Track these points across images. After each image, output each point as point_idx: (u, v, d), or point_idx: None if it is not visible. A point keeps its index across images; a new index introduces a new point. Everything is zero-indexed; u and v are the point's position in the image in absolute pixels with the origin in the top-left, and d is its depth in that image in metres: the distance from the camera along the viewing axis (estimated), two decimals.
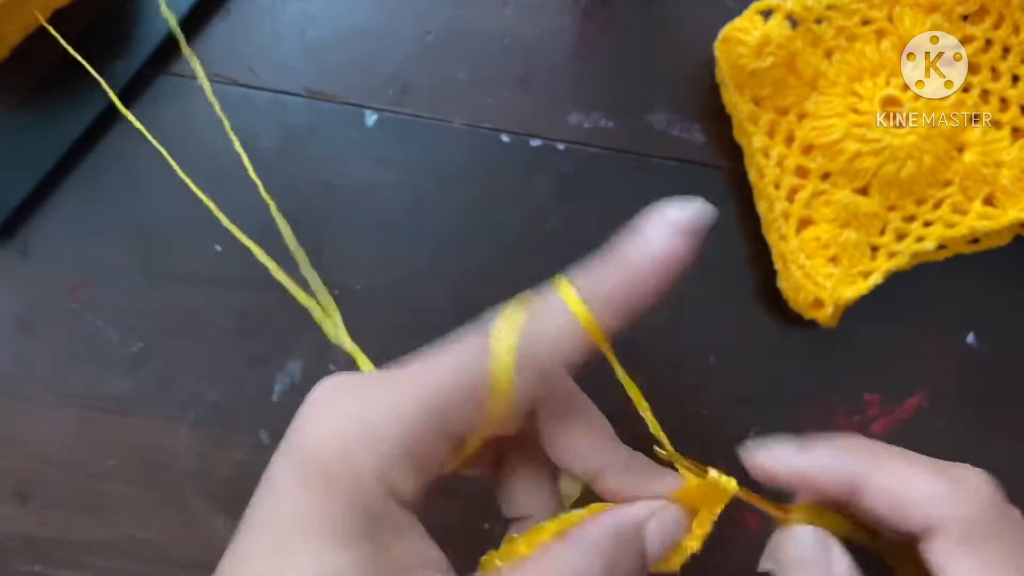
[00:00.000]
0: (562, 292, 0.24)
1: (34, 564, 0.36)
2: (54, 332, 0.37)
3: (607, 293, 0.24)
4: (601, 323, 0.23)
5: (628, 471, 0.26)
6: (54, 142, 0.37)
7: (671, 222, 0.24)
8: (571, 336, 0.23)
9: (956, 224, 0.37)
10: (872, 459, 0.25)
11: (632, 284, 0.24)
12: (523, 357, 0.23)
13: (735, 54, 0.36)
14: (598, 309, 0.23)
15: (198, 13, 0.38)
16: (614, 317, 0.24)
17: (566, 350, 0.24)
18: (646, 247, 0.24)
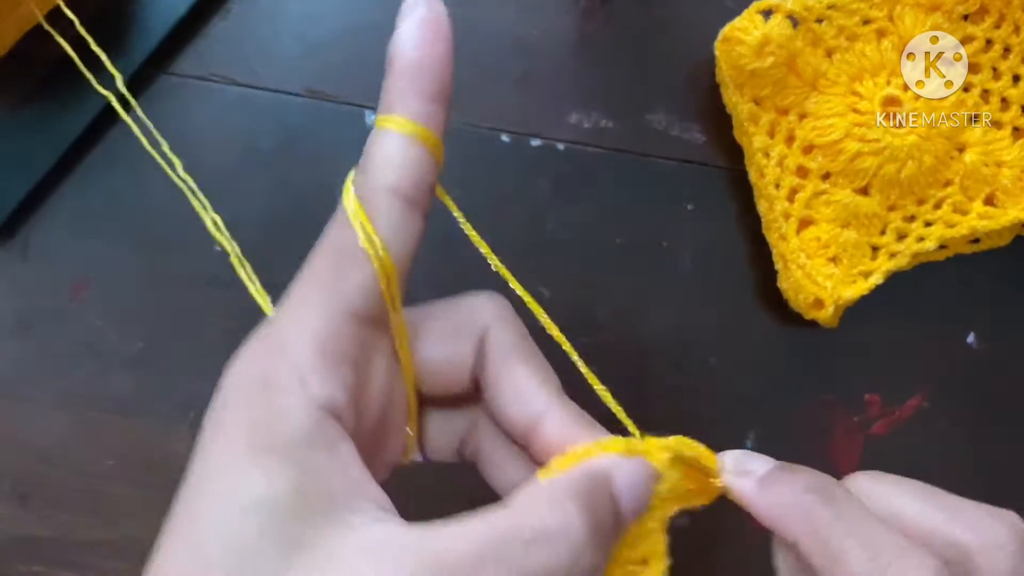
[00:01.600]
0: (376, 122, 0.24)
1: (34, 564, 0.36)
2: (54, 332, 0.37)
3: (403, 91, 0.23)
4: (418, 120, 0.23)
5: (570, 419, 0.25)
6: (54, 142, 0.37)
7: (408, 12, 0.24)
8: (407, 151, 0.23)
9: (957, 224, 0.37)
10: (812, 521, 0.23)
11: (421, 71, 0.24)
12: (373, 191, 0.23)
13: (735, 54, 0.36)
14: (406, 109, 0.23)
15: (198, 13, 0.38)
16: (424, 106, 0.23)
17: (412, 166, 0.23)
18: (402, 39, 0.24)
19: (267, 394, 0.21)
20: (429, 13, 0.24)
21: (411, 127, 0.23)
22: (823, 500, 0.23)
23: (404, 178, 0.23)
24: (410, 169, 0.23)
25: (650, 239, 0.39)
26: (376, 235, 0.23)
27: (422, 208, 0.24)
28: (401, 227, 0.23)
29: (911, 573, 0.22)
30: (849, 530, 0.23)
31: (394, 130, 0.23)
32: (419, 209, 0.24)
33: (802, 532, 0.23)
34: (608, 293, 0.38)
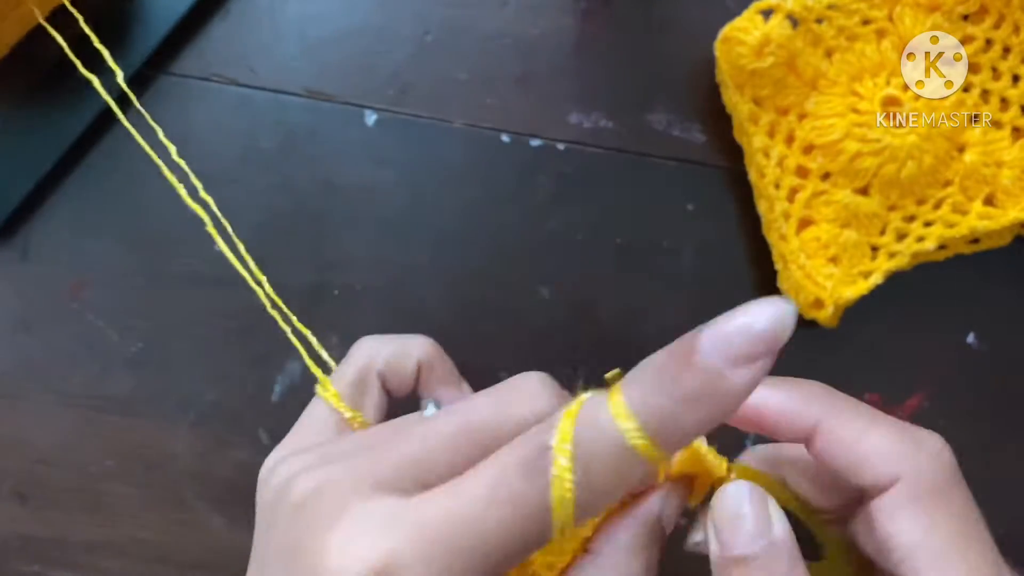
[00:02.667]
0: (619, 419, 0.20)
1: (33, 564, 0.36)
2: (54, 332, 0.37)
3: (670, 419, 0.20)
4: (661, 448, 0.20)
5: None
6: (54, 142, 0.37)
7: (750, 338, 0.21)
8: (631, 467, 0.20)
9: (956, 224, 0.37)
10: (834, 407, 0.24)
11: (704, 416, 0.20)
12: (580, 493, 0.20)
13: (735, 54, 0.36)
14: (660, 436, 0.20)
15: (198, 13, 0.38)
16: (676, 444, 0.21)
17: (626, 482, 0.21)
18: (725, 389, 0.20)
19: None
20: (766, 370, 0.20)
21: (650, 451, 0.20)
22: (832, 390, 0.25)
23: (617, 494, 0.22)
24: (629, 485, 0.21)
25: (650, 239, 0.39)
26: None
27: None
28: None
29: (928, 436, 0.23)
30: (868, 408, 0.24)
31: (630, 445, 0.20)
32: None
33: (826, 412, 0.24)
34: (608, 293, 0.38)
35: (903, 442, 0.23)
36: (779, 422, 0.25)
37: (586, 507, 0.20)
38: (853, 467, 0.23)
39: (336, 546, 0.20)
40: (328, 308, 0.38)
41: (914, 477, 0.23)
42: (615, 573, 0.23)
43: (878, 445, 0.23)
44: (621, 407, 0.20)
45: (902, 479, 0.23)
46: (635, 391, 0.20)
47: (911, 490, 0.23)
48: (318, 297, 0.38)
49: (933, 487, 0.23)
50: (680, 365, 0.21)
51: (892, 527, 0.23)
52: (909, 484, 0.23)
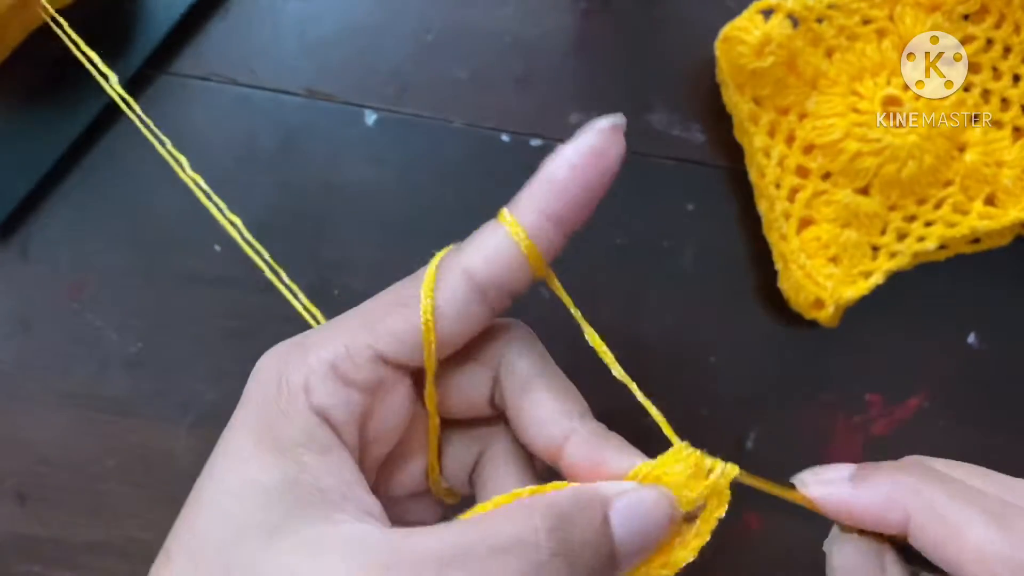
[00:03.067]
0: (500, 215, 0.25)
1: (33, 564, 0.36)
2: (54, 332, 0.37)
3: (533, 202, 0.24)
4: (533, 232, 0.24)
5: (595, 443, 0.24)
6: (53, 142, 0.37)
7: (580, 134, 0.24)
8: (499, 244, 0.24)
9: (957, 224, 0.37)
10: (923, 498, 0.23)
11: (554, 187, 0.24)
12: (451, 268, 0.24)
13: (735, 53, 0.36)
14: (526, 218, 0.24)
15: (197, 13, 0.38)
16: (543, 223, 0.24)
17: (496, 258, 0.24)
18: (561, 152, 0.24)
19: (277, 394, 0.23)
20: (597, 143, 0.24)
21: (518, 233, 0.24)
22: (926, 475, 0.24)
23: (484, 270, 0.24)
24: (495, 266, 0.24)
25: (650, 239, 0.39)
26: (432, 298, 0.24)
27: (491, 304, 0.24)
28: (459, 306, 0.24)
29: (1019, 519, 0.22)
30: (966, 498, 0.23)
31: (503, 227, 0.24)
32: (486, 303, 0.24)
33: (916, 510, 0.23)
34: (608, 293, 0.38)
35: (998, 539, 0.22)
36: (873, 523, 0.24)
37: (454, 278, 0.24)
38: (950, 565, 0.23)
39: None
40: (328, 308, 0.38)
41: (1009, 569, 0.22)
42: (520, 520, 0.22)
43: (971, 548, 0.22)
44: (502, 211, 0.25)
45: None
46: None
47: None
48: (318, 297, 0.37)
49: None
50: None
51: None
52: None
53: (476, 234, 0.25)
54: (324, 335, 0.24)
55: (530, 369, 0.26)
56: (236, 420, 0.24)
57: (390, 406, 0.25)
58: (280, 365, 0.24)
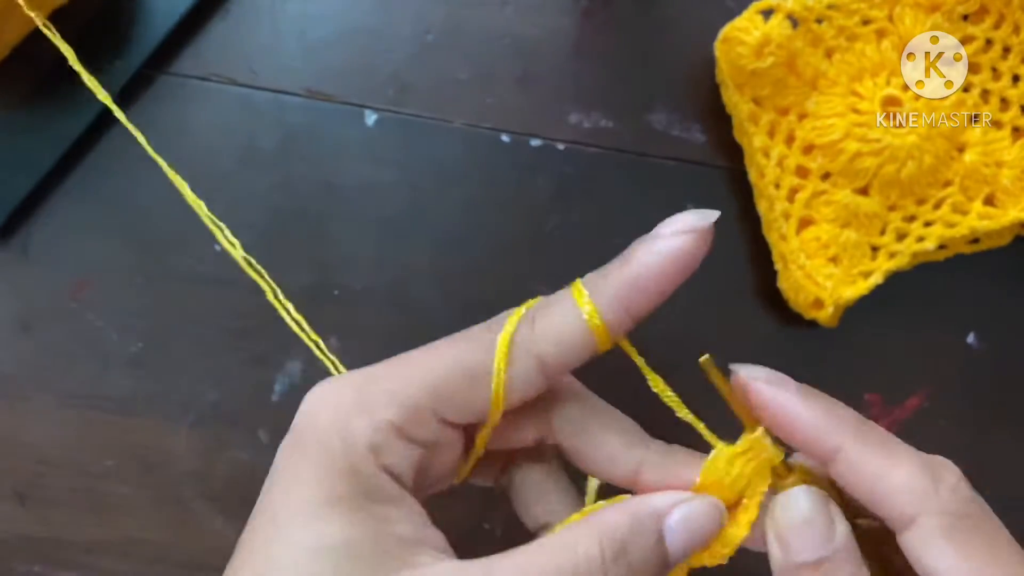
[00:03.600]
0: (572, 289, 0.25)
1: (33, 564, 0.36)
2: (54, 332, 0.37)
3: (614, 290, 0.24)
4: (607, 319, 0.24)
5: (667, 462, 0.26)
6: (54, 142, 0.37)
7: (676, 223, 0.25)
8: (574, 330, 0.24)
9: (956, 224, 0.37)
10: (858, 436, 0.24)
11: (638, 281, 0.24)
12: (524, 346, 0.24)
13: (735, 54, 0.36)
14: (604, 305, 0.24)
15: (197, 13, 0.38)
16: (620, 313, 0.24)
17: (568, 342, 0.24)
18: (652, 246, 0.25)
19: (344, 450, 0.23)
20: (692, 245, 0.25)
21: (595, 319, 0.24)
22: (852, 415, 0.25)
23: (555, 356, 0.24)
24: (566, 350, 0.24)
25: None
26: (502, 381, 0.24)
27: (549, 381, 0.25)
28: (526, 386, 0.25)
29: (945, 468, 0.24)
30: (893, 437, 0.24)
31: (577, 308, 0.24)
32: (546, 380, 0.25)
33: (851, 436, 0.24)
34: None
35: (924, 478, 0.23)
36: (806, 439, 0.24)
37: (530, 354, 0.24)
38: (873, 502, 0.24)
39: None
40: (328, 308, 0.38)
41: (938, 514, 0.23)
42: (579, 545, 0.23)
43: (901, 483, 0.23)
44: (576, 283, 0.25)
45: (924, 515, 0.23)
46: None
47: (936, 527, 0.23)
48: (318, 297, 0.38)
49: (960, 522, 0.23)
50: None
51: (924, 560, 0.23)
52: (932, 521, 0.23)
53: (549, 309, 0.25)
54: (386, 388, 0.24)
55: (584, 413, 0.27)
56: (291, 470, 0.24)
57: (446, 457, 0.26)
58: (339, 415, 0.24)
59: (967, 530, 0.23)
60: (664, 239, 0.25)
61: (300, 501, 0.23)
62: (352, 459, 0.23)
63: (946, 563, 0.22)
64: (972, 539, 0.23)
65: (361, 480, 0.23)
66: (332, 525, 0.22)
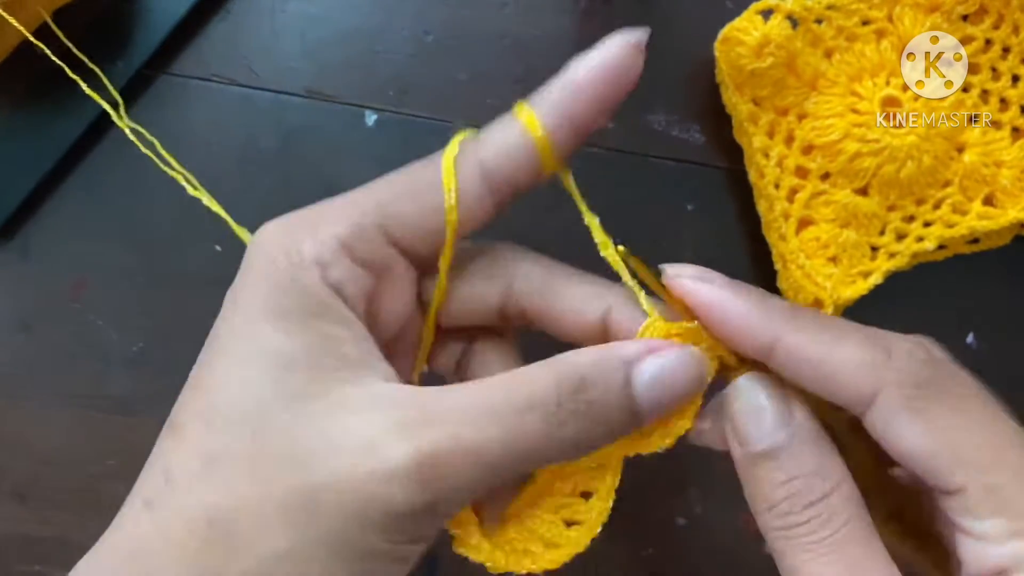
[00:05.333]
0: (515, 107, 0.25)
1: (33, 564, 0.36)
2: (54, 332, 0.37)
3: (553, 99, 0.24)
4: (548, 127, 0.24)
5: (634, 303, 0.25)
6: (54, 142, 0.37)
7: (608, 41, 0.24)
8: (516, 139, 0.24)
9: (956, 224, 0.37)
10: (795, 322, 0.23)
11: (574, 88, 0.24)
12: (468, 160, 0.24)
13: (735, 54, 0.36)
14: (544, 115, 0.24)
15: (197, 13, 0.38)
16: (559, 121, 0.24)
17: (512, 153, 0.24)
18: (586, 58, 0.24)
19: (289, 265, 0.23)
20: (621, 56, 0.24)
21: (533, 128, 0.24)
22: (788, 304, 0.24)
23: (497, 164, 0.24)
24: (508, 160, 0.24)
25: (650, 239, 0.39)
26: (455, 187, 0.24)
27: (499, 196, 0.25)
28: (471, 198, 0.24)
29: (897, 338, 0.22)
30: (832, 319, 0.23)
31: (519, 122, 0.24)
32: (495, 195, 0.25)
33: (790, 325, 0.23)
34: None
35: (874, 351, 0.22)
36: (735, 335, 0.23)
37: (469, 169, 0.24)
38: (825, 386, 0.22)
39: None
40: None
41: (896, 386, 0.21)
42: (536, 379, 0.22)
43: (848, 361, 0.22)
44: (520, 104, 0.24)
45: (883, 390, 0.21)
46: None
47: (896, 399, 0.21)
48: None
49: (921, 391, 0.21)
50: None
51: (890, 440, 0.22)
52: (892, 394, 0.21)
53: (491, 126, 0.25)
54: (333, 210, 0.24)
55: (544, 271, 0.26)
56: (240, 292, 0.24)
57: (395, 291, 0.25)
58: (286, 237, 0.24)
59: (930, 399, 0.21)
60: (596, 51, 0.24)
61: (243, 316, 0.23)
62: (297, 272, 0.23)
63: (913, 440, 0.21)
64: (936, 408, 0.21)
65: (306, 295, 0.23)
66: (271, 336, 0.22)
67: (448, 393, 0.22)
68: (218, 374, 0.22)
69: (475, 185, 0.24)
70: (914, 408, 0.21)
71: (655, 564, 0.38)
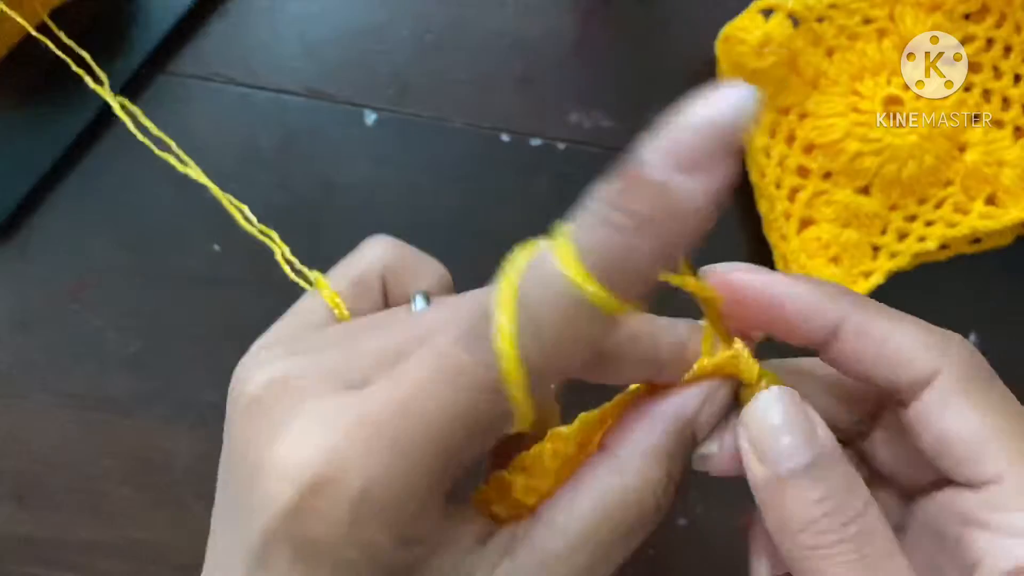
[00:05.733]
0: (565, 263, 0.19)
1: (32, 565, 0.36)
2: (53, 332, 0.37)
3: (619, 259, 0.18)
4: (618, 293, 0.18)
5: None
6: (52, 142, 0.37)
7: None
8: (585, 318, 0.18)
9: (958, 224, 0.37)
10: (858, 303, 0.22)
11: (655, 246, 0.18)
12: (531, 356, 0.18)
13: (736, 53, 0.36)
14: (614, 279, 0.18)
15: (197, 12, 0.38)
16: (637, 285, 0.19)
17: (583, 336, 0.19)
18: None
19: (363, 552, 0.19)
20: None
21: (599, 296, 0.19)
22: (850, 290, 0.23)
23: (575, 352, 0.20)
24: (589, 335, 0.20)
25: None
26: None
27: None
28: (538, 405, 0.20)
29: (952, 333, 0.22)
30: (889, 309, 0.23)
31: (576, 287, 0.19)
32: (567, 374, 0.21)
33: (851, 307, 0.22)
34: None
35: (935, 336, 0.22)
36: (798, 319, 0.22)
37: (542, 371, 0.18)
38: (887, 365, 0.22)
39: (280, 448, 0.19)
40: None
41: (956, 368, 0.21)
42: (632, 479, 0.20)
43: (912, 341, 0.21)
44: (567, 251, 0.18)
45: (943, 372, 0.21)
46: (583, 231, 0.18)
47: (955, 382, 0.21)
48: None
49: (976, 377, 0.21)
50: (626, 188, 0.18)
51: (946, 422, 0.21)
52: (951, 376, 0.21)
53: (540, 292, 0.20)
54: (385, 466, 0.18)
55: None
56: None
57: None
58: (349, 518, 0.19)
59: (982, 387, 0.21)
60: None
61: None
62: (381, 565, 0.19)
63: (961, 424, 0.21)
64: (987, 396, 0.21)
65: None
66: None
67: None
68: None
69: (548, 377, 0.19)
70: (967, 391, 0.21)
71: (656, 565, 0.37)
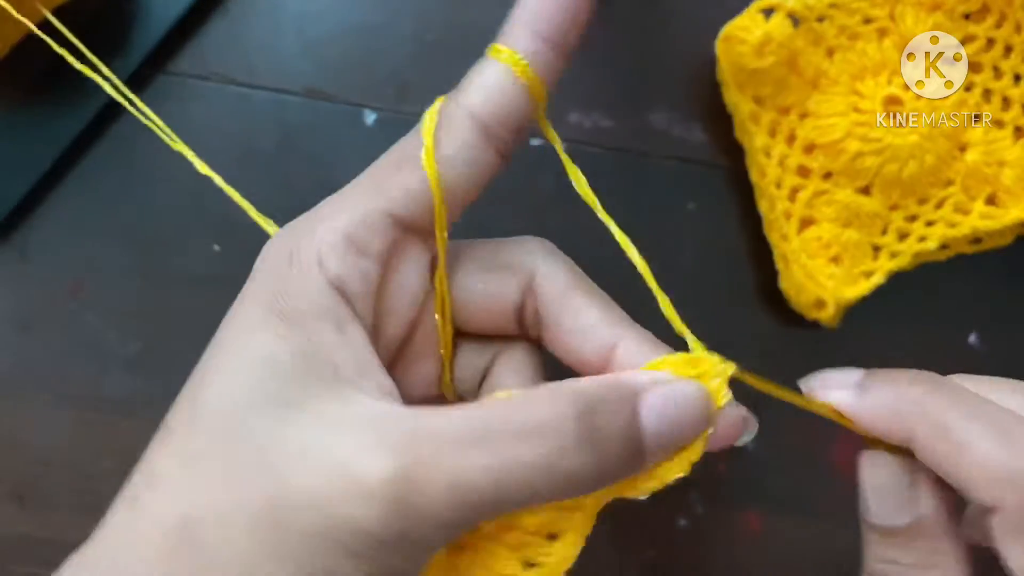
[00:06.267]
0: (489, 51, 0.24)
1: (32, 565, 0.36)
2: (53, 332, 0.37)
3: (519, 24, 0.23)
4: (522, 51, 0.23)
5: (644, 349, 0.24)
6: (52, 141, 0.37)
7: None
8: (494, 73, 0.23)
9: (958, 224, 0.37)
10: (926, 412, 0.22)
11: (548, 11, 0.23)
12: (453, 110, 0.23)
13: (736, 53, 0.36)
14: (514, 41, 0.23)
15: (196, 11, 0.38)
16: (532, 41, 0.23)
17: (493, 86, 0.23)
18: None
19: (288, 267, 0.22)
20: None
21: (512, 60, 0.23)
22: (934, 389, 0.23)
23: (487, 106, 0.23)
24: (496, 99, 0.23)
25: (650, 239, 0.39)
26: (433, 146, 0.23)
27: (498, 142, 0.24)
28: (468, 151, 0.23)
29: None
30: (971, 413, 0.22)
31: (495, 60, 0.23)
32: (494, 142, 0.24)
33: (919, 424, 0.22)
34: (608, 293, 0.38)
35: (1007, 460, 0.21)
36: (879, 432, 0.24)
37: (456, 121, 0.23)
38: (956, 482, 0.22)
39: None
40: None
41: (1018, 506, 0.21)
42: (546, 405, 0.21)
43: (980, 468, 0.21)
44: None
45: (1006, 507, 0.21)
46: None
47: (1016, 519, 0.21)
48: None
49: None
50: None
51: (1004, 550, 0.21)
52: (1012, 513, 0.21)
53: (470, 74, 0.24)
54: (335, 205, 0.23)
55: (567, 279, 0.25)
56: (245, 294, 0.23)
57: (405, 275, 0.24)
58: (291, 240, 0.23)
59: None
60: None
61: (242, 320, 0.22)
62: (296, 275, 0.22)
63: (1018, 561, 0.21)
64: None
65: (303, 298, 0.22)
66: (266, 339, 0.21)
67: (437, 414, 0.21)
68: (209, 377, 0.22)
69: (471, 135, 0.23)
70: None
71: (657, 565, 0.37)
